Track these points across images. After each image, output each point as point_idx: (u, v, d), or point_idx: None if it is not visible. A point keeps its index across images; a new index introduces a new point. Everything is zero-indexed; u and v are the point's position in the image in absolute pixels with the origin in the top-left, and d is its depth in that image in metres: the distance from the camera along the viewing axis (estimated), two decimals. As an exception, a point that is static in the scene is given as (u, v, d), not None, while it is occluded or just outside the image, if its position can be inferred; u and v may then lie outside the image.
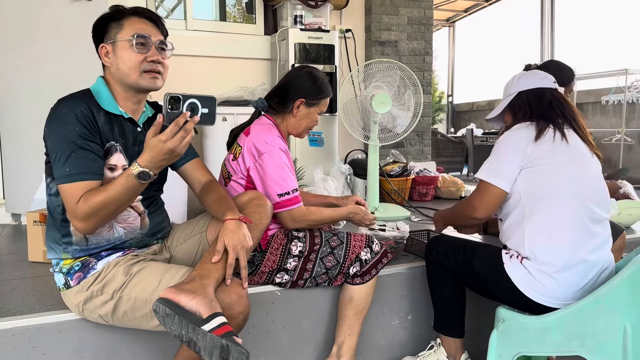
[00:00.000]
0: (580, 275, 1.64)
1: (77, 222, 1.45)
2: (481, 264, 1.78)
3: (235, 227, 1.51)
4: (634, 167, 5.62)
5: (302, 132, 2.05)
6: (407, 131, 3.24)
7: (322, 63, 3.85)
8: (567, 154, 1.71)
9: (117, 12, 1.57)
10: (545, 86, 1.85)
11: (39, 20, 3.08)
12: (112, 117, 1.56)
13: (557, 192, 1.68)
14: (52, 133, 1.46)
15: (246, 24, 4.34)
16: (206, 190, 1.71)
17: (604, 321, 1.51)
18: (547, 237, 1.66)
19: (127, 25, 1.55)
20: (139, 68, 1.54)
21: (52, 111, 1.49)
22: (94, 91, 1.56)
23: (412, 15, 4.61)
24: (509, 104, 1.90)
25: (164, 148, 1.38)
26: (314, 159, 3.78)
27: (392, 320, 2.17)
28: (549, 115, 1.78)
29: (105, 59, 1.57)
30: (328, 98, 2.04)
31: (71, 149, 1.43)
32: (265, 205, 1.72)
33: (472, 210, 1.80)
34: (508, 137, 1.78)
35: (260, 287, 1.93)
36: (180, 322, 1.30)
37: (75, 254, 1.56)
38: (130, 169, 1.41)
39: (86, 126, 1.47)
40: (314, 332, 2.04)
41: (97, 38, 1.58)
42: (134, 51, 1.53)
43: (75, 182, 1.43)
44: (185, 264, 1.68)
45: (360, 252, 1.90)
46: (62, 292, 1.60)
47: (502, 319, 1.69)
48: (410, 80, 3.19)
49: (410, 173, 3.88)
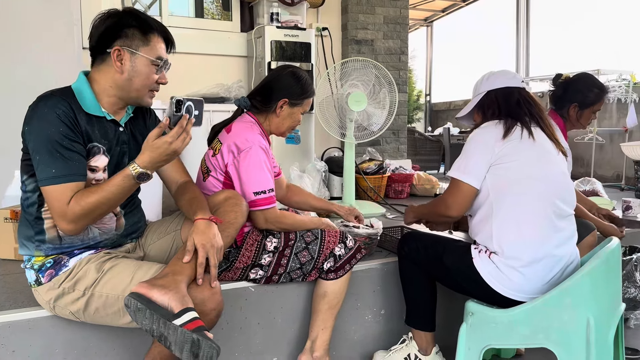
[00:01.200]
0: (546, 270, 1.68)
1: (66, 224, 1.44)
2: (451, 258, 1.82)
3: (204, 227, 1.50)
4: (604, 166, 5.75)
5: (285, 132, 2.06)
6: (382, 129, 3.27)
7: (298, 61, 3.85)
8: (534, 151, 1.76)
9: (143, 22, 1.54)
10: (513, 85, 1.89)
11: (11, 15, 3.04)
12: (94, 118, 1.54)
13: (523, 188, 1.72)
14: (34, 133, 1.43)
15: (222, 21, 4.33)
16: (181, 190, 1.71)
17: (568, 314, 1.56)
18: (514, 232, 1.70)
19: (153, 43, 1.55)
20: (150, 87, 1.58)
21: (32, 109, 1.46)
22: (76, 90, 1.53)
23: (388, 15, 4.64)
24: (478, 103, 1.93)
25: (169, 149, 1.42)
26: (290, 157, 3.79)
27: (366, 315, 2.20)
28: (516, 114, 1.82)
29: (117, 62, 1.51)
30: (311, 98, 2.05)
31: (56, 150, 1.42)
32: (241, 204, 1.73)
33: (445, 208, 1.84)
34: (477, 135, 1.82)
35: (234, 283, 1.93)
36: (151, 317, 1.30)
37: (47, 252, 1.55)
38: (127, 170, 1.43)
39: (69, 126, 1.45)
40: (288, 327, 2.06)
41: (108, 36, 1.52)
42: (153, 72, 1.56)
43: (64, 184, 1.42)
44: (159, 262, 1.67)
45: (335, 247, 1.92)
46: (33, 289, 1.59)
47: (471, 312, 1.72)
48: (385, 79, 3.22)
49: (386, 171, 3.91)
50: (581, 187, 3.45)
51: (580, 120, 2.54)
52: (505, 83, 1.89)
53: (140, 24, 1.53)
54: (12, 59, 3.04)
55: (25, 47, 3.06)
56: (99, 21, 1.53)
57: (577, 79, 2.55)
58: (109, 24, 1.51)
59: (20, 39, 3.05)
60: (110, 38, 1.51)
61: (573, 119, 2.54)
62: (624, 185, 5.03)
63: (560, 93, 2.55)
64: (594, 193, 3.33)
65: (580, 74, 2.60)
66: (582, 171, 5.72)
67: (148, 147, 1.43)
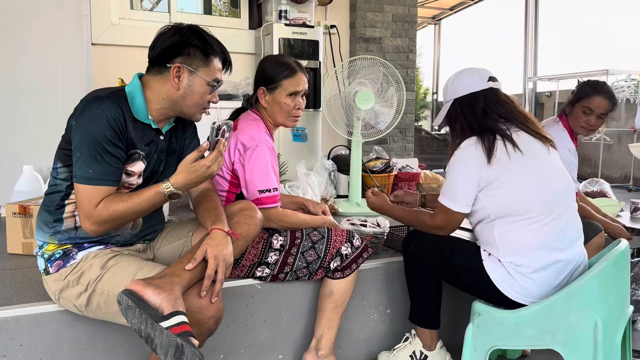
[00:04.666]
0: (555, 274, 1.67)
1: (90, 224, 1.47)
2: (460, 259, 1.81)
3: (220, 239, 1.50)
4: (612, 166, 5.71)
5: (285, 120, 2.03)
6: (389, 127, 3.26)
7: (306, 58, 3.85)
8: (525, 163, 1.70)
9: (206, 43, 1.56)
10: (477, 89, 1.81)
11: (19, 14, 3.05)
12: (140, 125, 1.56)
13: (522, 203, 1.68)
14: (81, 130, 1.45)
15: (231, 18, 4.33)
16: (202, 197, 1.72)
17: (575, 316, 1.55)
18: (517, 243, 1.69)
19: (212, 65, 1.58)
20: (203, 106, 1.61)
21: (85, 105, 1.48)
22: (129, 95, 1.55)
23: (396, 13, 4.63)
24: (447, 115, 1.88)
25: (206, 172, 1.47)
26: (297, 155, 3.79)
27: (371, 314, 2.19)
28: (489, 126, 1.74)
29: (175, 79, 1.54)
30: (291, 77, 1.98)
31: (98, 152, 1.44)
32: (256, 216, 1.72)
33: (437, 229, 1.86)
34: (460, 159, 1.76)
35: (241, 280, 1.94)
36: (140, 316, 1.29)
37: (61, 241, 1.57)
38: (160, 186, 1.46)
39: (117, 131, 1.47)
40: (294, 325, 2.06)
41: (172, 51, 1.54)
42: (207, 92, 1.59)
43: (97, 186, 1.45)
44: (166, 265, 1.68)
45: (341, 246, 1.92)
46: (43, 277, 1.61)
47: (478, 313, 1.71)
48: (393, 78, 3.21)
49: (393, 169, 3.90)
50: (589, 187, 3.43)
51: (570, 118, 2.53)
52: (468, 88, 1.82)
53: (203, 44, 1.56)
54: (21, 54, 3.06)
55: (34, 43, 3.07)
56: (165, 35, 1.55)
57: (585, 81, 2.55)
58: (175, 40, 1.54)
59: (30, 34, 3.06)
60: (172, 54, 1.54)
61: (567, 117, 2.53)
62: (631, 186, 5.00)
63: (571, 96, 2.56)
64: (601, 194, 3.31)
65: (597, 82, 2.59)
66: (589, 172, 5.68)
67: (186, 169, 1.46)
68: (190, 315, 1.38)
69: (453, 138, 1.87)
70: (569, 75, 5.94)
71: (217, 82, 1.60)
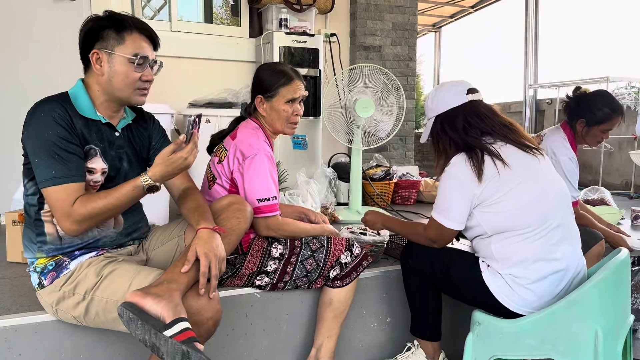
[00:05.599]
0: (554, 284, 1.66)
1: (70, 224, 1.47)
2: (458, 271, 1.80)
3: (207, 236, 1.51)
4: (612, 173, 5.71)
5: (282, 128, 2.03)
6: (389, 135, 3.27)
7: (306, 67, 3.86)
8: (515, 178, 1.68)
9: (117, 21, 1.55)
10: (456, 104, 1.80)
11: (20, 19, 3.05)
12: (90, 122, 1.57)
13: (518, 219, 1.68)
14: (32, 137, 1.47)
15: (231, 27, 4.34)
16: (184, 196, 1.72)
17: (576, 325, 1.55)
18: (515, 257, 1.68)
19: (128, 41, 1.55)
20: (134, 86, 1.58)
21: (29, 114, 1.49)
22: (72, 95, 1.56)
23: (396, 21, 4.64)
24: (431, 132, 1.87)
25: (184, 164, 1.49)
26: (297, 162, 3.79)
27: (371, 323, 2.19)
28: (473, 142, 1.74)
29: (96, 65, 1.55)
30: (288, 85, 1.98)
31: (54, 152, 1.45)
32: (245, 209, 1.73)
33: (431, 243, 1.86)
34: (452, 176, 1.74)
35: (240, 289, 1.93)
36: (143, 327, 1.29)
37: (49, 253, 1.57)
38: (138, 180, 1.48)
39: (66, 129, 1.48)
40: (293, 334, 2.05)
41: (88, 41, 1.55)
42: (132, 70, 1.56)
43: (65, 185, 1.45)
44: (162, 267, 1.67)
45: (341, 255, 1.92)
46: (37, 292, 1.60)
47: (478, 322, 1.71)
48: (393, 86, 3.22)
49: (393, 177, 3.90)
50: (589, 195, 3.43)
51: (586, 137, 2.51)
52: (448, 104, 1.81)
53: (114, 23, 1.54)
54: (21, 60, 3.06)
55: (34, 48, 3.08)
56: (81, 28, 1.56)
57: (591, 95, 2.52)
58: (87, 29, 1.55)
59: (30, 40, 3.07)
60: (89, 44, 1.55)
61: (580, 135, 2.52)
62: (632, 194, 4.99)
63: (573, 106, 2.54)
64: (602, 202, 3.30)
65: (597, 91, 2.57)
66: (590, 178, 5.68)
67: (163, 161, 1.48)
68: (190, 317, 1.38)
69: (437, 154, 1.86)
70: (569, 82, 5.96)
71: (138, 56, 1.55)
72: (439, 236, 1.83)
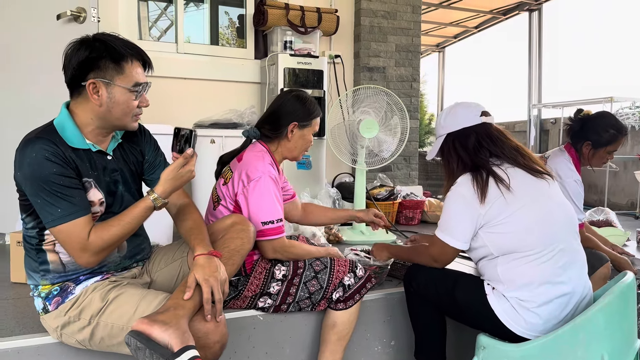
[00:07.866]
0: (560, 308, 1.65)
1: (89, 257, 1.47)
2: (463, 294, 1.79)
3: (204, 262, 1.49)
4: (618, 193, 5.69)
5: (298, 155, 2.08)
6: (393, 156, 3.27)
7: (310, 87, 3.89)
8: (520, 200, 1.69)
9: (113, 51, 1.49)
10: (470, 125, 1.82)
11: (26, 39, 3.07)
12: (81, 152, 1.53)
13: (523, 240, 1.67)
14: (28, 179, 1.42)
15: (237, 48, 4.39)
16: (181, 214, 1.71)
17: (582, 350, 1.53)
18: (521, 279, 1.67)
19: (128, 72, 1.51)
20: (132, 113, 1.58)
21: (19, 154, 1.44)
22: (58, 126, 1.51)
23: (400, 43, 4.68)
24: (440, 149, 1.89)
25: (190, 176, 1.53)
26: (301, 182, 3.79)
27: (375, 346, 2.17)
28: (481, 162, 1.75)
29: (94, 96, 1.49)
30: (318, 117, 2.07)
31: (56, 191, 1.42)
32: (248, 229, 1.72)
33: (433, 261, 1.86)
34: (458, 195, 1.75)
35: (243, 311, 1.93)
36: (151, 356, 1.28)
37: (53, 280, 1.56)
38: (148, 201, 1.50)
39: (61, 165, 1.44)
40: (296, 357, 2.04)
41: (82, 69, 1.48)
42: (132, 99, 1.54)
43: (75, 220, 1.44)
44: (166, 288, 1.67)
45: (344, 277, 1.91)
46: (41, 317, 1.60)
47: (483, 346, 1.69)
48: (397, 106, 3.23)
49: (397, 197, 3.90)
50: (595, 217, 3.41)
51: (592, 159, 2.51)
52: (461, 123, 1.82)
53: (110, 52, 1.48)
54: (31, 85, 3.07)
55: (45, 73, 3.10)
56: (71, 54, 1.50)
57: (595, 117, 2.52)
58: (81, 57, 1.47)
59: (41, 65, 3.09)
60: (84, 71, 1.48)
61: (585, 157, 2.52)
62: (638, 213, 4.97)
63: (577, 128, 2.54)
64: (607, 223, 3.28)
65: (600, 113, 2.58)
66: (595, 198, 5.66)
67: (173, 177, 1.50)
68: (196, 341, 1.37)
69: (447, 173, 1.88)
70: (573, 102, 5.97)
71: (138, 85, 1.54)
72: (441, 254, 1.82)
